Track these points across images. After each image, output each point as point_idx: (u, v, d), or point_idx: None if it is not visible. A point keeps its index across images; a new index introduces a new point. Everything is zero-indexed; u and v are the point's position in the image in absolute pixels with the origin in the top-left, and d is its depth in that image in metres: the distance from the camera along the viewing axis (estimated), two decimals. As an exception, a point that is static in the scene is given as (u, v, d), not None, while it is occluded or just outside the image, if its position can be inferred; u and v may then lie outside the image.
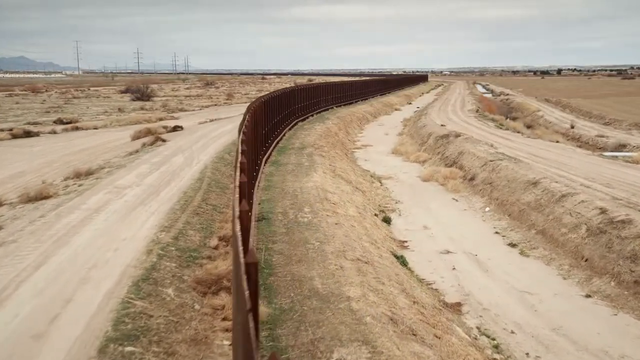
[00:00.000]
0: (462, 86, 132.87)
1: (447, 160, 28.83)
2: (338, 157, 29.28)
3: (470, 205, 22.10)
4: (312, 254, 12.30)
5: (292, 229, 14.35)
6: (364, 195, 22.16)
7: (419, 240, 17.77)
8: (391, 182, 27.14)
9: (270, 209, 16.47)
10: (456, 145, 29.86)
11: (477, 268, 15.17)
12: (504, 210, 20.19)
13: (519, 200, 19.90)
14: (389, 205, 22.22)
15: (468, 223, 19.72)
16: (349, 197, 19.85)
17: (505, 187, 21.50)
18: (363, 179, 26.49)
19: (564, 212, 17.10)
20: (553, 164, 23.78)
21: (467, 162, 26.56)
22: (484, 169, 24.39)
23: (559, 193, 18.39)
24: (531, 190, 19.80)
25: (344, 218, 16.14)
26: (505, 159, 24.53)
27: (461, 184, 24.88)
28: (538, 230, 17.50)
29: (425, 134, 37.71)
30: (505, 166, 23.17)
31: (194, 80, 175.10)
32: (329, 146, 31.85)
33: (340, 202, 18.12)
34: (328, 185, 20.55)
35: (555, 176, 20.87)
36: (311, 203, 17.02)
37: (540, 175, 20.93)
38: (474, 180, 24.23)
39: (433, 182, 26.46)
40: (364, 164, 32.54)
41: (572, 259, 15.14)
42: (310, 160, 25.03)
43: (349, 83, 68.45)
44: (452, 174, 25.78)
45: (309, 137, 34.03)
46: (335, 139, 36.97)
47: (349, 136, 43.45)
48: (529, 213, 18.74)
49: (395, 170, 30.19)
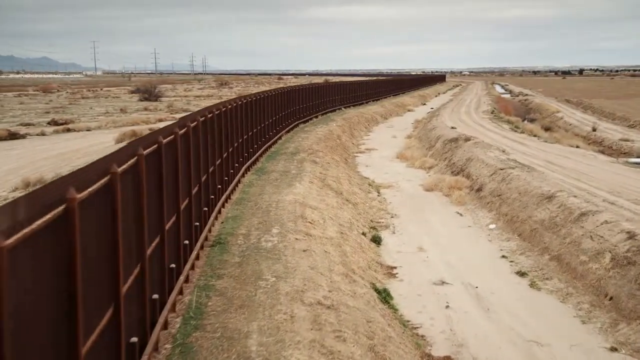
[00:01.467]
0: (479, 86, 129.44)
1: (453, 168, 26.10)
2: (334, 163, 26.66)
3: (476, 220, 19.38)
4: (261, 296, 9.72)
5: (249, 257, 11.79)
6: (354, 209, 19.53)
7: (411, 265, 15.11)
8: (390, 192, 24.47)
9: (233, 229, 13.93)
10: (464, 151, 27.11)
11: (476, 306, 12.49)
12: (514, 229, 17.46)
13: (530, 217, 17.15)
14: (382, 221, 19.56)
15: (471, 243, 17.02)
16: (334, 213, 17.25)
17: (516, 200, 18.76)
18: (359, 189, 23.85)
19: (583, 235, 14.33)
20: (571, 173, 20.97)
21: (474, 170, 23.81)
22: (492, 178, 21.64)
23: (577, 210, 15.62)
24: (545, 206, 17.04)
25: (318, 242, 13.54)
26: (517, 168, 21.76)
27: (467, 195, 22.16)
28: (552, 256, 14.76)
29: (433, 138, 34.96)
30: (516, 176, 20.41)
31: (209, 81, 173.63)
32: (326, 151, 29.25)
33: (320, 220, 15.52)
34: (311, 198, 17.96)
35: (574, 189, 18.09)
36: (283, 222, 14.45)
37: (556, 187, 18.16)
38: (482, 191, 21.49)
39: (437, 192, 23.75)
40: (364, 170, 29.90)
41: (593, 296, 12.40)
42: (299, 168, 22.47)
43: (358, 83, 65.73)
44: (457, 184, 23.06)
45: (307, 140, 31.45)
46: (336, 142, 34.34)
47: (353, 139, 40.79)
48: (542, 233, 16.00)
49: (398, 178, 27.51)
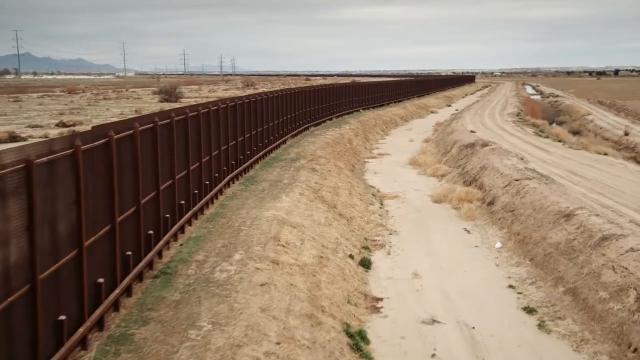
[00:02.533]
0: (509, 87, 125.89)
1: (466, 176, 23.80)
2: (336, 171, 24.58)
3: (485, 239, 17.13)
4: (183, 354, 7.73)
5: (192, 294, 9.82)
6: (347, 225, 17.43)
7: (400, 296, 12.99)
8: (395, 203, 22.30)
9: (189, 254, 11.98)
10: (479, 158, 24.78)
11: (469, 354, 10.31)
12: (525, 252, 15.18)
13: (545, 238, 14.87)
14: (378, 238, 17.43)
15: (476, 268, 14.80)
16: (319, 231, 15.18)
17: (530, 217, 16.46)
18: (359, 200, 21.73)
19: (604, 265, 12.05)
20: (596, 186, 18.56)
21: (488, 180, 21.51)
22: (506, 190, 19.34)
23: (598, 233, 13.32)
24: (562, 226, 14.75)
25: (285, 271, 11.50)
26: (535, 179, 19.43)
27: (478, 208, 19.89)
28: (567, 289, 12.49)
29: (450, 142, 32.62)
30: (532, 189, 18.10)
31: (236, 82, 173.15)
32: (331, 157, 27.17)
33: (297, 241, 13.47)
34: (296, 213, 15.93)
35: (596, 205, 15.73)
36: (250, 245, 12.45)
37: (576, 203, 15.83)
38: (494, 205, 19.21)
39: (446, 204, 21.52)
40: (371, 178, 27.75)
41: (614, 345, 10.14)
42: (293, 177, 20.47)
43: (379, 84, 63.44)
44: (468, 196, 20.79)
45: (312, 145, 29.42)
46: (345, 147, 32.22)
47: (366, 143, 38.61)
48: (556, 259, 13.72)
49: (406, 187, 25.30)
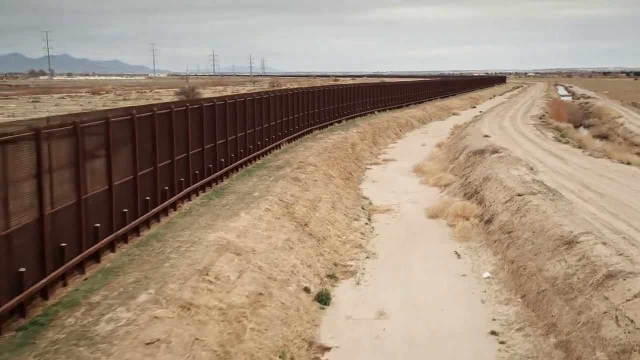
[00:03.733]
0: (540, 88, 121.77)
1: (468, 188, 21.20)
2: (324, 180, 22.18)
3: (475, 266, 14.59)
4: None
5: (49, 358, 7.58)
6: (315, 248, 15.03)
7: (354, 345, 10.59)
8: (385, 218, 19.85)
9: (86, 293, 9.76)
10: (484, 167, 22.15)
11: None
12: (517, 286, 12.63)
13: (541, 270, 12.29)
14: (351, 264, 15.00)
15: (458, 305, 12.31)
16: (272, 258, 12.84)
17: (528, 242, 13.87)
18: (343, 215, 19.32)
19: (606, 314, 9.47)
20: (609, 204, 15.83)
21: (489, 193, 18.91)
22: (507, 207, 16.74)
23: (603, 268, 10.72)
24: (562, 256, 12.16)
25: (198, 318, 9.19)
26: (540, 194, 16.78)
27: (474, 227, 17.32)
28: (559, 342, 9.93)
29: (460, 148, 29.96)
30: (535, 206, 15.48)
31: (264, 82, 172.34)
32: (324, 164, 24.78)
33: (233, 274, 11.15)
34: (250, 235, 13.62)
35: (606, 230, 13.06)
36: (168, 280, 10.18)
37: (582, 227, 13.19)
38: (491, 224, 16.63)
39: (441, 220, 19.00)
40: (368, 188, 25.29)
41: None
42: (268, 189, 18.15)
43: (398, 84, 60.78)
44: (464, 211, 18.23)
45: (308, 151, 27.07)
46: (345, 153, 29.78)
47: (374, 148, 36.08)
48: (551, 300, 11.15)
49: (402, 198, 22.80)
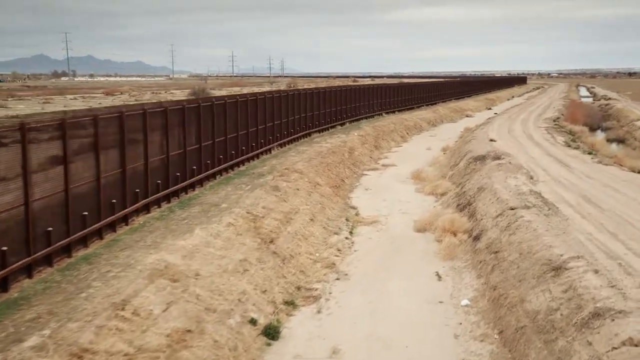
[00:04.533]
0: (560, 89, 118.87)
1: (462, 198, 19.53)
2: (308, 189, 20.63)
3: (455, 291, 12.96)
4: None
5: None
6: (277, 269, 13.50)
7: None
8: (370, 231, 18.26)
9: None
10: (481, 175, 20.46)
11: None
12: (496, 319, 10.98)
13: (523, 301, 10.64)
14: (317, 287, 13.44)
15: (425, 341, 10.71)
16: (217, 284, 11.34)
17: (513, 265, 12.21)
18: (322, 228, 17.77)
19: (586, 364, 7.81)
20: (610, 221, 14.05)
21: (482, 205, 17.23)
22: (497, 222, 15.07)
23: (591, 303, 9.07)
24: (547, 285, 10.50)
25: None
26: (534, 207, 15.08)
27: (461, 244, 15.67)
28: (531, 395, 8.27)
29: (463, 153, 28.23)
30: (526, 223, 13.79)
31: (282, 83, 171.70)
32: (312, 171, 23.23)
33: (159, 306, 9.68)
34: (200, 255, 12.14)
35: (600, 255, 11.34)
36: (73, 316, 8.73)
37: (574, 250, 11.50)
38: (479, 241, 14.97)
39: (429, 234, 17.38)
40: (358, 196, 23.70)
41: None
42: (238, 200, 16.65)
43: (409, 85, 59.00)
44: (453, 226, 16.57)
45: (298, 156, 25.55)
46: (341, 158, 28.19)
47: (375, 152, 34.42)
48: (529, 339, 9.51)
49: (394, 208, 21.18)
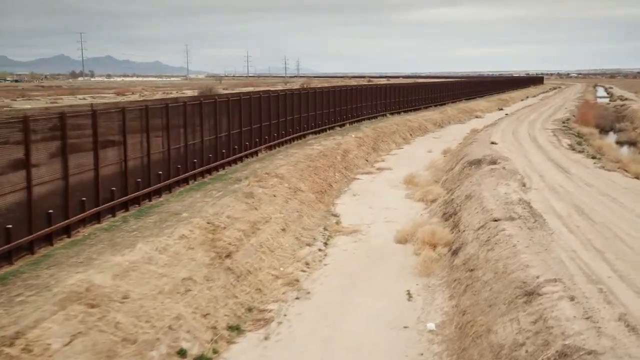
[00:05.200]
0: (576, 89, 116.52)
1: (449, 207, 18.21)
2: (287, 195, 19.41)
3: (424, 314, 11.68)
4: None
5: None
6: (229, 287, 12.30)
7: None
8: (347, 242, 17.01)
9: None
10: (471, 182, 19.12)
11: None
12: (460, 350, 9.70)
13: (489, 332, 9.34)
14: (272, 308, 12.21)
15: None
16: (146, 308, 10.17)
17: (486, 287, 10.91)
18: (294, 239, 16.54)
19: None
20: (599, 236, 12.66)
21: (466, 215, 15.91)
22: (477, 235, 13.75)
23: (559, 340, 7.80)
24: (517, 313, 9.20)
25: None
26: (520, 219, 13.74)
27: (441, 258, 14.36)
28: None
29: (460, 157, 26.86)
30: (506, 238, 12.47)
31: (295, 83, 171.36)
32: (295, 176, 22.01)
33: (59, 340, 8.52)
34: (138, 272, 10.99)
35: (581, 278, 10.00)
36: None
37: (553, 271, 10.18)
38: (457, 256, 13.66)
39: (409, 246, 16.09)
40: (345, 202, 22.43)
41: None
42: (201, 209, 15.44)
43: (416, 85, 57.54)
44: (433, 238, 15.27)
45: (285, 159, 24.34)
46: (332, 161, 26.94)
47: (372, 155, 33.10)
48: (489, 379, 8.21)
49: (379, 216, 19.90)
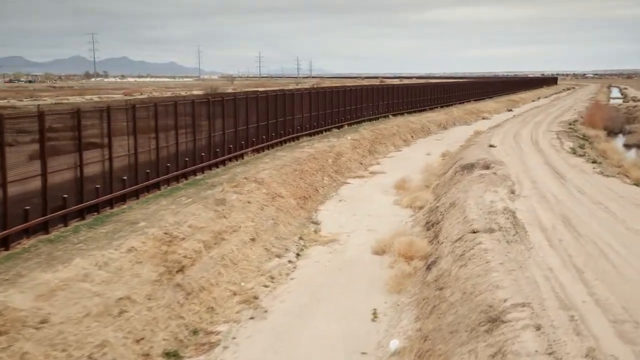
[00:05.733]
0: (589, 90, 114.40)
1: (433, 215, 17.09)
2: (263, 202, 18.39)
3: (387, 337, 10.60)
4: None
5: None
6: (174, 306, 11.28)
7: None
8: (321, 253, 15.95)
9: None
10: (459, 188, 17.98)
11: None
12: (414, 383, 8.60)
13: (446, 363, 8.24)
14: (221, 329, 11.17)
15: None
16: (68, 332, 9.17)
17: (452, 309, 9.80)
18: (263, 249, 15.53)
19: None
20: (581, 253, 11.48)
21: (448, 225, 14.80)
22: (454, 249, 12.64)
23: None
24: (476, 342, 8.13)
25: None
26: (501, 231, 12.61)
27: (414, 273, 13.25)
28: None
29: (455, 160, 25.70)
30: (482, 252, 11.36)
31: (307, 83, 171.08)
32: (280, 180, 21.01)
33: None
34: (67, 292, 10.02)
35: (553, 301, 8.86)
36: None
37: (523, 293, 9.07)
38: (431, 271, 12.54)
39: (386, 258, 14.98)
40: (329, 209, 21.35)
41: None
42: (162, 217, 14.41)
43: (421, 86, 56.30)
44: (410, 250, 14.18)
45: (271, 163, 23.34)
46: (322, 165, 25.88)
47: (367, 157, 31.99)
48: None
49: (361, 224, 18.82)
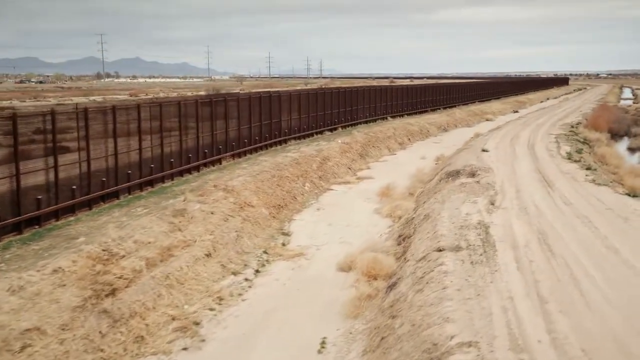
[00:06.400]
0: (600, 91, 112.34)
1: (407, 228, 15.88)
2: (228, 212, 17.27)
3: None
4: None
5: None
6: (94, 336, 10.20)
7: None
8: (284, 269, 14.83)
9: None
10: (437, 198, 16.76)
11: None
12: None
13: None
14: None
15: None
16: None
17: (397, 344, 8.65)
18: (219, 265, 14.44)
19: None
20: (551, 277, 10.24)
21: (418, 240, 13.60)
22: (416, 269, 11.46)
23: None
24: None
25: None
26: (468, 249, 11.42)
27: (376, 295, 12.08)
28: None
29: (444, 166, 24.45)
30: (441, 275, 10.18)
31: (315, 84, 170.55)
32: (253, 188, 19.91)
33: None
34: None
35: (503, 341, 7.69)
36: None
37: (473, 329, 7.90)
38: (390, 293, 11.36)
39: (352, 275, 13.80)
40: (305, 218, 20.20)
41: None
42: (105, 232, 13.34)
43: (422, 86, 54.97)
44: (374, 268, 13.03)
45: (248, 169, 22.27)
46: (304, 170, 24.72)
47: (357, 162, 30.77)
48: None
49: (335, 236, 17.67)
